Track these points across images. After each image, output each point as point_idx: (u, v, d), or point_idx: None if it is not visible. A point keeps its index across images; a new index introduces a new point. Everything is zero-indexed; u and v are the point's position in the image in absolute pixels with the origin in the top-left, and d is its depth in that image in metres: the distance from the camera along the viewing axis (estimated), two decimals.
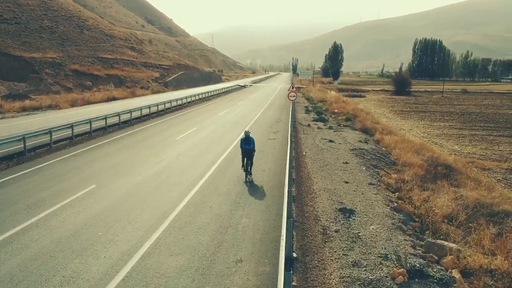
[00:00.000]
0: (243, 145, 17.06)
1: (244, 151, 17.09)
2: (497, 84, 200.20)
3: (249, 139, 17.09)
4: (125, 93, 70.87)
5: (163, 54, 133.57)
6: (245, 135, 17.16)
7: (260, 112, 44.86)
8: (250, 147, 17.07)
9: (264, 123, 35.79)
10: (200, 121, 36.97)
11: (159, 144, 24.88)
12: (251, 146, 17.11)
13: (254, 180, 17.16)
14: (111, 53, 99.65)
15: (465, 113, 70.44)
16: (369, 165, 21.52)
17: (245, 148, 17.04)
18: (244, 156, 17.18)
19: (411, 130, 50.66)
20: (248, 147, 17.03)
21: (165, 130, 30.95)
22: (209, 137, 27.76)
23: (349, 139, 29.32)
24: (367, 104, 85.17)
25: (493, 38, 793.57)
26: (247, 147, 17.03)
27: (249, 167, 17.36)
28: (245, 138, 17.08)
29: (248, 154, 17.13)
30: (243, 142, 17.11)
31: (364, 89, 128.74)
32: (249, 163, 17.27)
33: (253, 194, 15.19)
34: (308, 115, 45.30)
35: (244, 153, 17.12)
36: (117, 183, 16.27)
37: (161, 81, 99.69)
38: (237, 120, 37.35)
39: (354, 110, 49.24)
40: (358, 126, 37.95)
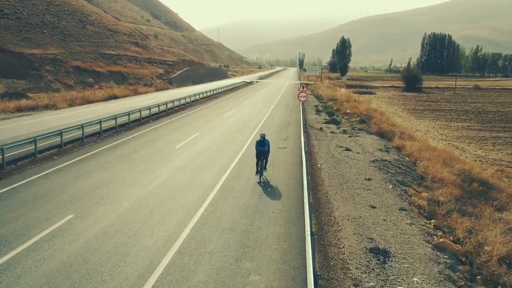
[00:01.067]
0: (258, 147, 17.43)
1: (259, 153, 17.43)
2: (508, 79, 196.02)
3: (264, 141, 17.51)
4: (127, 91, 68.33)
5: (168, 49, 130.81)
6: (260, 137, 17.61)
7: (267, 113, 42.05)
8: (264, 149, 17.43)
9: (273, 126, 32.98)
10: (203, 124, 34.22)
11: (156, 155, 22.13)
12: (266, 148, 17.48)
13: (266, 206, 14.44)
14: (115, 49, 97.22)
15: (481, 112, 67.22)
16: (395, 182, 18.69)
17: (260, 150, 17.39)
18: (258, 157, 17.51)
19: (428, 131, 47.67)
20: (262, 149, 17.39)
21: (164, 136, 28.21)
22: (211, 145, 24.99)
23: (367, 146, 26.49)
24: (378, 101, 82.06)
25: (501, 32, 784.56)
26: (261, 149, 17.39)
27: (264, 165, 17.87)
28: (260, 141, 17.50)
29: (263, 155, 17.57)
30: (258, 144, 17.52)
31: (373, 85, 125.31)
32: (263, 164, 17.66)
33: (264, 231, 12.37)
34: (319, 116, 42.44)
35: (259, 154, 17.46)
36: (99, 212, 13.53)
37: (165, 78, 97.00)
38: (243, 123, 34.56)
39: (368, 111, 46.31)
40: (374, 130, 35.08)
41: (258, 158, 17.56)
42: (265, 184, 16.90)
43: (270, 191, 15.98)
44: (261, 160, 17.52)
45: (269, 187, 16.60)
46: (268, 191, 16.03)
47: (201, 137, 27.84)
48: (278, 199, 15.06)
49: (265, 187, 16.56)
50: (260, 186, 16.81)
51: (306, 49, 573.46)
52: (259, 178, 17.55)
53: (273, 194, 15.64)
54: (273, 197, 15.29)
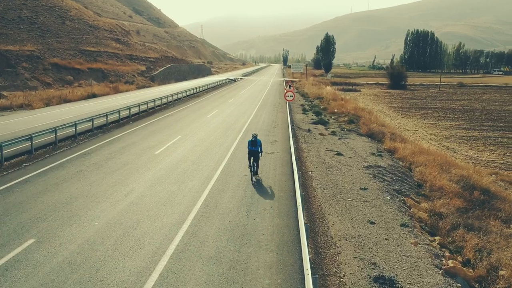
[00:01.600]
0: (250, 147, 17.59)
1: (251, 153, 17.59)
2: (490, 76, 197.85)
3: (256, 141, 17.58)
4: (107, 89, 66.11)
5: (150, 46, 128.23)
6: (252, 137, 17.67)
7: (253, 113, 40.51)
8: (256, 149, 17.51)
9: (259, 128, 31.42)
10: (186, 126, 32.51)
11: (133, 162, 20.39)
12: (257, 148, 17.54)
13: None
14: (95, 46, 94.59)
15: (468, 110, 66.68)
16: (392, 191, 17.33)
17: (251, 150, 17.54)
18: (250, 157, 17.71)
19: (416, 131, 46.69)
20: (254, 149, 17.50)
21: (144, 140, 26.46)
22: (194, 151, 23.33)
23: (359, 150, 25.13)
24: (364, 99, 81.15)
25: (481, 29, 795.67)
26: (253, 149, 17.51)
27: (256, 167, 17.85)
28: (252, 141, 17.58)
29: (255, 156, 17.62)
30: (250, 143, 17.64)
31: (358, 83, 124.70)
32: (255, 164, 17.76)
33: (254, 259, 10.82)
34: (306, 116, 41.05)
35: (251, 154, 17.62)
36: (65, 234, 11.81)
37: (147, 75, 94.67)
38: (228, 125, 32.93)
39: (355, 110, 45.09)
40: (364, 131, 33.81)
41: (250, 157, 17.81)
42: (253, 198, 15.35)
43: (259, 207, 14.43)
44: (252, 159, 17.74)
45: (258, 201, 15.05)
46: (257, 206, 14.47)
47: (183, 141, 26.15)
48: (268, 217, 13.52)
49: (254, 201, 15.02)
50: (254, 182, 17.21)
51: (290, 45, 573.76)
52: (252, 176, 17.88)
53: (262, 211, 14.10)
54: (263, 214, 13.74)
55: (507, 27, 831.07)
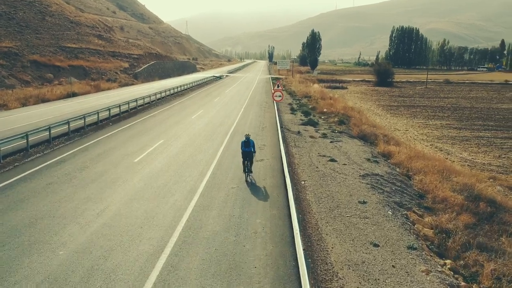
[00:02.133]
0: (243, 148, 17.66)
1: (245, 154, 17.69)
2: (474, 72, 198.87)
3: (249, 142, 17.70)
4: (88, 88, 63.87)
5: (134, 42, 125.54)
6: (245, 138, 17.77)
7: (239, 114, 38.87)
8: (249, 149, 17.65)
9: (247, 131, 29.77)
10: (169, 128, 30.73)
11: (109, 173, 18.63)
12: (251, 148, 17.69)
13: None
14: (76, 42, 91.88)
15: (457, 108, 65.91)
16: (393, 205, 15.88)
17: (245, 151, 17.64)
18: (244, 158, 17.80)
19: (407, 130, 45.54)
20: (248, 149, 17.63)
21: (123, 146, 24.65)
22: (177, 158, 21.62)
23: (353, 154, 23.67)
24: (352, 97, 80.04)
25: (464, 26, 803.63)
26: (247, 150, 17.64)
27: (249, 167, 18.01)
28: (245, 141, 17.68)
29: (248, 156, 17.76)
30: (243, 144, 17.71)
31: (344, 80, 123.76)
32: (248, 164, 17.90)
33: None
34: (295, 116, 39.55)
35: (245, 155, 17.73)
36: (24, 268, 10.03)
37: (130, 72, 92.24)
38: (214, 127, 31.23)
39: (345, 110, 43.69)
40: (355, 132, 32.40)
41: (244, 158, 17.87)
42: (242, 217, 13.71)
43: (249, 229, 12.80)
44: (246, 160, 17.85)
45: (248, 221, 13.44)
46: (247, 228, 12.84)
47: (165, 146, 24.40)
48: (260, 243, 11.91)
49: (243, 221, 13.40)
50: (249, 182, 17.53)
51: (275, 42, 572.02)
52: (246, 177, 18.02)
53: (253, 234, 12.48)
54: (254, 239, 12.11)
55: (490, 24, 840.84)
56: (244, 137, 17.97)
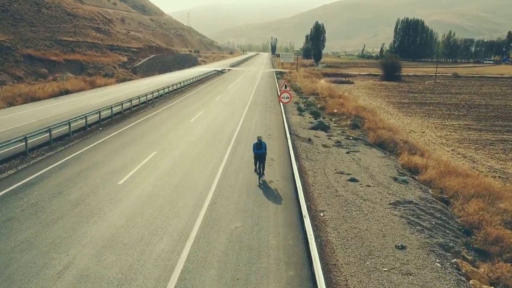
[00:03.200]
0: (256, 150, 17.70)
1: (257, 156, 17.76)
2: (481, 65, 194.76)
3: (261, 144, 17.66)
4: (82, 84, 60.52)
5: (133, 35, 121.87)
6: (257, 140, 17.72)
7: (243, 116, 35.52)
8: (262, 151, 17.66)
9: (250, 139, 26.43)
10: (163, 136, 27.39)
11: (87, 201, 15.30)
12: (263, 150, 17.69)
13: None
14: (73, 35, 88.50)
15: (472, 106, 62.36)
16: (438, 249, 12.55)
17: (257, 153, 17.68)
18: (256, 160, 17.87)
19: (423, 132, 42.15)
20: (260, 151, 17.64)
21: (108, 160, 21.28)
22: (170, 178, 18.23)
23: (375, 170, 20.33)
24: (359, 93, 76.57)
25: (468, 18, 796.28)
26: (259, 152, 17.65)
27: (262, 169, 17.99)
28: (257, 143, 17.67)
29: (261, 158, 17.77)
30: (255, 147, 17.72)
31: (350, 74, 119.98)
32: (261, 166, 17.90)
33: None
34: (303, 118, 36.23)
35: (257, 157, 17.78)
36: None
37: (129, 67, 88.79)
38: (214, 134, 27.86)
39: (357, 110, 40.29)
40: (372, 139, 29.06)
41: (256, 160, 17.95)
42: (249, 281, 10.36)
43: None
44: (258, 162, 17.84)
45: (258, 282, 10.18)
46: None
47: (157, 160, 21.07)
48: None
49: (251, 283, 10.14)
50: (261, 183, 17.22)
51: (278, 33, 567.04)
52: (258, 180, 17.93)
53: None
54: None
55: (494, 15, 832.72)
56: (256, 139, 17.88)
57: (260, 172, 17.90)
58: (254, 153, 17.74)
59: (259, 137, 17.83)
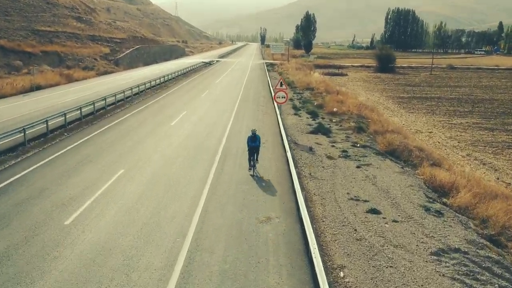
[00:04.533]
0: (250, 143, 17.79)
1: (251, 149, 17.85)
2: (473, 56, 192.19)
3: (256, 137, 17.85)
4: (57, 78, 55.71)
5: (117, 25, 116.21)
6: (252, 134, 17.85)
7: (232, 117, 31.20)
8: (256, 144, 17.83)
9: (241, 150, 22.17)
10: (136, 145, 22.95)
11: (20, 251, 11.05)
12: (257, 143, 17.91)
13: None
14: (51, 25, 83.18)
15: (475, 100, 58.60)
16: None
17: (252, 146, 17.80)
18: (250, 153, 17.95)
19: (431, 133, 38.22)
20: (254, 144, 17.79)
21: (60, 185, 16.69)
22: (135, 215, 13.82)
23: (398, 195, 16.20)
24: (354, 86, 72.53)
25: (459, 8, 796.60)
26: (253, 145, 17.79)
27: (255, 161, 18.16)
28: (251, 137, 17.80)
29: (255, 150, 17.92)
30: (249, 139, 17.84)
31: (343, 65, 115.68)
32: (254, 158, 18.06)
33: None
34: (299, 118, 32.05)
35: (251, 150, 17.89)
36: None
37: (111, 58, 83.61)
38: (196, 145, 23.33)
39: (359, 108, 36.13)
40: (382, 146, 24.94)
41: (250, 154, 18.02)
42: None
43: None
44: (253, 154, 17.91)
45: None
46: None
47: (121, 185, 16.60)
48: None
49: None
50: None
51: (266, 24, 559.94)
52: (252, 171, 18.03)
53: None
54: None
55: (482, 6, 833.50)
56: (250, 132, 18.08)
57: (254, 165, 18.12)
58: (248, 146, 17.86)
59: (254, 130, 18.15)
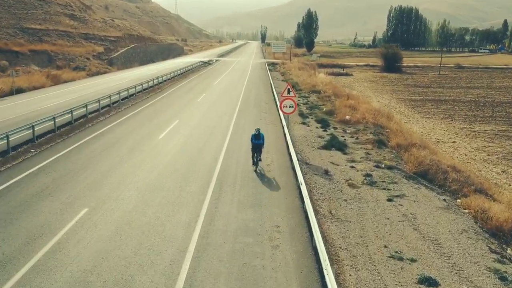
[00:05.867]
0: (254, 141, 18.00)
1: (255, 146, 18.04)
2: (477, 54, 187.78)
3: (260, 135, 17.97)
4: (43, 80, 51.47)
5: (112, 23, 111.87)
6: (256, 132, 18.01)
7: (230, 128, 27.00)
8: (260, 142, 17.96)
9: (240, 170, 17.97)
10: (116, 166, 18.68)
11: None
12: (261, 141, 18.04)
13: None
14: (42, 23, 79.09)
15: (494, 103, 54.37)
16: None
17: (255, 143, 17.96)
18: (254, 150, 18.16)
19: (454, 143, 34.06)
20: (258, 142, 17.94)
21: (13, 220, 12.73)
22: (104, 265, 9.82)
23: (452, 247, 12.03)
24: (361, 87, 68.32)
25: (458, 6, 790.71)
26: (257, 143, 17.96)
27: (258, 158, 18.43)
28: (256, 134, 17.95)
29: (258, 148, 18.18)
30: (253, 137, 18.05)
31: (347, 64, 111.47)
32: (258, 156, 18.40)
33: None
34: (308, 128, 27.89)
35: (255, 148, 18.10)
36: None
37: (105, 58, 79.26)
38: (187, 167, 18.99)
39: (374, 116, 31.86)
40: (411, 166, 20.75)
41: (253, 151, 18.26)
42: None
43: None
44: (256, 152, 18.18)
45: None
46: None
47: (86, 228, 12.44)
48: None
49: None
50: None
51: (267, 22, 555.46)
52: (255, 168, 18.19)
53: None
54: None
55: (483, 4, 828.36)
56: (255, 130, 18.19)
57: (256, 162, 18.29)
58: (253, 143, 18.05)
59: (257, 128, 18.37)
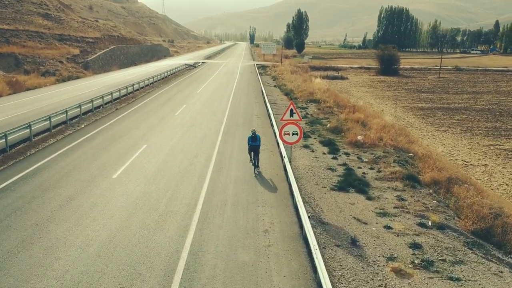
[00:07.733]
0: (250, 142, 17.82)
1: (251, 148, 17.92)
2: (469, 56, 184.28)
3: (256, 137, 17.80)
4: (1, 87, 44.65)
5: (90, 23, 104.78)
6: (252, 134, 17.84)
7: (214, 154, 20.70)
8: (256, 144, 17.73)
9: (227, 235, 11.75)
10: (74, 212, 12.33)
11: None
12: (257, 143, 17.76)
13: None
14: (12, 22, 72.22)
15: (507, 112, 48.72)
16: None
17: (252, 145, 17.79)
18: (251, 151, 18.10)
19: (485, 166, 28.08)
20: (254, 144, 17.73)
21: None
22: None
23: None
24: (358, 92, 62.44)
25: (446, 7, 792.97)
26: (254, 144, 17.75)
27: (256, 161, 18.09)
28: (252, 136, 17.77)
29: (255, 150, 17.90)
30: (250, 139, 17.86)
31: (340, 67, 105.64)
32: (256, 158, 18.02)
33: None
34: (313, 154, 21.69)
35: (251, 149, 17.96)
36: None
37: (80, 61, 72.34)
38: (146, 232, 12.81)
39: (392, 138, 25.72)
40: (465, 221, 14.62)
41: (250, 151, 18.14)
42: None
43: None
44: (253, 154, 17.98)
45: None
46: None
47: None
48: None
49: None
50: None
51: (255, 23, 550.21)
52: (254, 170, 18.07)
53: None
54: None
55: (470, 5, 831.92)
56: (251, 132, 18.01)
57: (255, 164, 18.05)
58: (249, 145, 17.87)
59: (254, 130, 18.15)
